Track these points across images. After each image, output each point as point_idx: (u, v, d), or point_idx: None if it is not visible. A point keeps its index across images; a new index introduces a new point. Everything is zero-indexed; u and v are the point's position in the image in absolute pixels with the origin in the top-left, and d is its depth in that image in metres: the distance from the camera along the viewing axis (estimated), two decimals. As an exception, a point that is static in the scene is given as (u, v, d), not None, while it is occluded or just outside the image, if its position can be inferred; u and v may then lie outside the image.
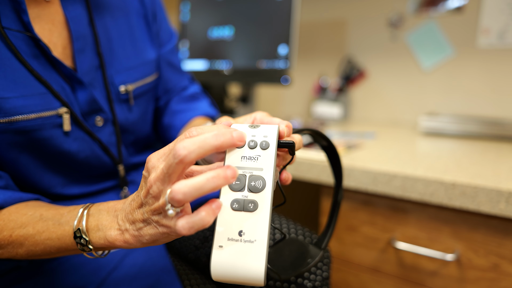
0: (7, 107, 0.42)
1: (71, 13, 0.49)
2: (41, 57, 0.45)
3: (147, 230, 0.32)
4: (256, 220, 0.31)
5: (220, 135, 0.29)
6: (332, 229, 0.48)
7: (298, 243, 0.49)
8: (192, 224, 0.29)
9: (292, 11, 1.05)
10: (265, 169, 0.33)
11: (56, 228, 0.37)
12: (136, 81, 0.57)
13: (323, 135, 0.42)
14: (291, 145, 0.35)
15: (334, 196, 0.47)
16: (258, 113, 0.41)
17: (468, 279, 0.60)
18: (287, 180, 0.39)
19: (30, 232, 0.38)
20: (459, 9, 1.08)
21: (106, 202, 0.37)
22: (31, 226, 0.38)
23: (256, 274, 0.30)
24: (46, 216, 0.39)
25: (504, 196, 0.53)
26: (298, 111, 1.49)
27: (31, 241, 0.38)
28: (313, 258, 0.46)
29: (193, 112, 0.66)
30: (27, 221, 0.39)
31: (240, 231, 0.31)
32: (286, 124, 0.37)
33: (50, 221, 0.38)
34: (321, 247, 0.47)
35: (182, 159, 0.27)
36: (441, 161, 0.70)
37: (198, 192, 0.27)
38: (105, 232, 0.34)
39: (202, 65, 1.26)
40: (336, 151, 0.45)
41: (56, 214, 0.39)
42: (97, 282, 0.50)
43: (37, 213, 0.40)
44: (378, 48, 1.25)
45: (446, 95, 1.15)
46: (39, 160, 0.48)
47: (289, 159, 0.40)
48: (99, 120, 0.52)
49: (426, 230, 0.64)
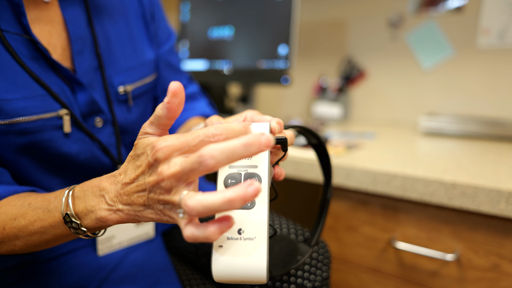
0: (8, 109, 0.42)
1: (69, 15, 0.49)
2: (40, 59, 0.45)
3: (148, 214, 0.32)
4: (255, 217, 0.32)
5: (250, 145, 0.27)
6: (321, 226, 0.48)
7: (287, 240, 0.50)
8: (197, 237, 0.28)
9: (292, 11, 1.05)
10: (259, 166, 0.33)
11: (46, 216, 0.37)
12: (135, 82, 0.57)
13: (312, 132, 0.42)
14: (284, 141, 0.36)
15: (323, 193, 0.48)
16: (248, 112, 0.41)
17: (468, 279, 0.60)
18: (280, 176, 0.39)
19: (22, 223, 0.38)
20: (459, 9, 1.08)
21: (90, 180, 0.36)
22: (22, 216, 0.38)
23: (258, 271, 0.30)
24: (34, 204, 0.38)
25: (504, 196, 0.53)
26: (298, 111, 1.49)
27: (26, 232, 0.38)
28: (303, 255, 0.46)
29: (190, 112, 0.66)
30: (17, 212, 0.38)
31: (239, 229, 0.31)
32: (277, 121, 0.37)
33: (39, 209, 0.37)
34: (311, 244, 0.48)
35: (209, 168, 0.27)
36: (441, 161, 0.70)
37: (211, 212, 0.27)
38: (95, 213, 0.34)
39: (202, 65, 1.26)
40: (326, 148, 0.45)
41: (44, 201, 0.38)
42: (97, 282, 0.50)
43: (25, 202, 0.39)
44: (378, 48, 1.25)
45: (446, 95, 1.15)
46: (39, 161, 0.48)
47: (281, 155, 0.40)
48: (98, 121, 0.52)
49: (426, 230, 0.64)
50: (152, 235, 0.62)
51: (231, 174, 0.34)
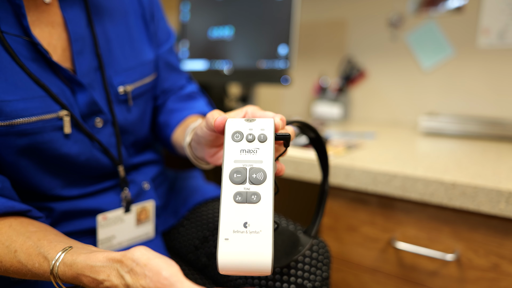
0: (8, 110, 0.42)
1: (70, 15, 0.49)
2: (40, 61, 0.45)
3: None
4: (260, 211, 0.33)
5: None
6: (320, 217, 0.50)
7: (289, 233, 0.51)
8: None
9: (292, 11, 1.05)
10: (264, 161, 0.34)
11: (30, 274, 0.38)
12: (134, 82, 0.57)
13: (310, 126, 0.43)
14: (288, 137, 0.37)
15: (322, 185, 0.49)
16: (249, 107, 0.41)
17: (468, 279, 0.60)
18: (280, 171, 0.40)
19: (5, 266, 0.39)
20: (459, 9, 1.08)
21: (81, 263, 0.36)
22: (7, 261, 0.39)
23: (263, 264, 0.31)
24: (19, 257, 0.39)
25: (504, 196, 0.53)
26: (298, 111, 1.49)
27: (5, 272, 0.40)
28: (303, 246, 0.48)
29: (189, 111, 0.65)
30: (2, 253, 0.39)
31: (245, 222, 0.32)
32: (280, 117, 0.38)
33: (24, 266, 0.38)
34: (311, 235, 0.49)
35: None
36: (441, 161, 0.70)
37: None
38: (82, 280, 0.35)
39: (202, 65, 1.26)
40: (323, 142, 0.46)
41: (28, 260, 0.38)
42: (97, 283, 0.50)
43: (11, 247, 0.39)
44: (378, 48, 1.25)
45: (446, 95, 1.15)
46: (39, 162, 0.48)
47: (281, 151, 0.41)
48: (98, 121, 0.52)
49: (426, 230, 0.64)
50: (152, 236, 0.62)
51: (236, 169, 0.34)
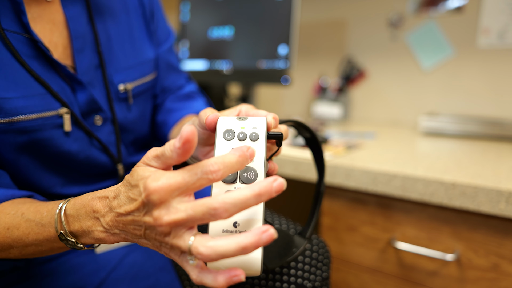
0: (8, 108, 0.42)
1: (71, 13, 0.49)
2: (41, 58, 0.45)
3: (144, 243, 0.31)
4: (250, 211, 0.32)
5: (262, 195, 0.27)
6: (316, 218, 0.48)
7: (283, 234, 0.50)
8: (205, 283, 0.29)
9: (292, 11, 1.05)
10: (256, 160, 0.34)
11: (40, 230, 0.36)
12: (135, 80, 0.57)
13: (305, 126, 0.42)
14: (280, 136, 0.36)
15: (317, 186, 0.48)
16: (243, 106, 0.41)
17: (468, 279, 0.60)
18: (273, 171, 0.40)
19: (16, 234, 0.37)
20: (459, 9, 1.08)
21: (81, 197, 0.35)
22: (15, 227, 0.37)
23: (253, 264, 0.31)
24: (27, 215, 0.37)
25: (504, 196, 0.53)
26: (298, 111, 1.49)
27: (20, 243, 0.37)
28: (298, 247, 0.46)
29: (186, 111, 0.65)
30: (10, 222, 0.38)
31: (235, 222, 0.31)
32: (273, 116, 0.37)
33: (32, 222, 0.37)
34: (305, 236, 0.48)
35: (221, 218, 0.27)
36: (441, 161, 0.70)
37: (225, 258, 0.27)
38: (92, 234, 0.33)
39: (202, 65, 1.26)
40: (319, 142, 0.45)
41: (36, 213, 0.37)
42: (97, 282, 0.50)
43: (18, 211, 0.38)
44: (378, 48, 1.25)
45: (446, 95, 1.15)
46: (39, 160, 0.47)
47: (275, 150, 0.41)
48: (98, 119, 0.52)
49: (426, 230, 0.64)
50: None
51: None
